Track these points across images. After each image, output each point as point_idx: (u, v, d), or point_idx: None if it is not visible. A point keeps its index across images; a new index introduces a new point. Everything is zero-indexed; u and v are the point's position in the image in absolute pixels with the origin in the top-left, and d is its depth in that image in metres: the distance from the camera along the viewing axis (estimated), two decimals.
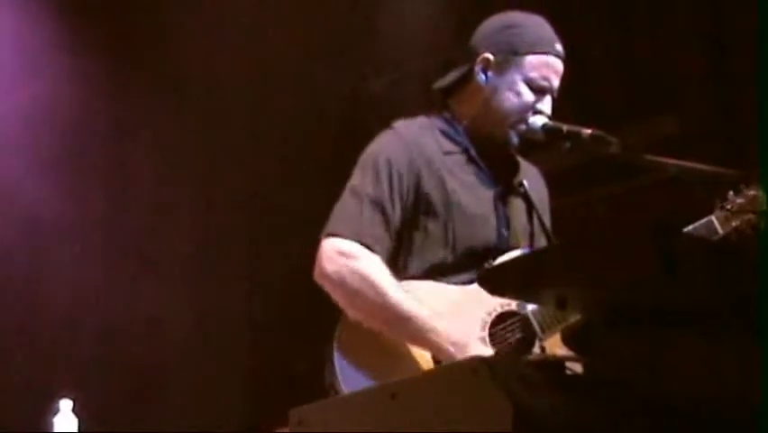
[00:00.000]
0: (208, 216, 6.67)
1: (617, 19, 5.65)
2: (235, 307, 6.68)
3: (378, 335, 3.20)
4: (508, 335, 3.24)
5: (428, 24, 6.05)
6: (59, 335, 6.30)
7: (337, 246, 3.24)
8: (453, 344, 3.14)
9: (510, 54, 3.35)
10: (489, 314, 3.25)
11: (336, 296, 3.25)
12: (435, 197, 3.31)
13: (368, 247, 3.23)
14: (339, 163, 3.44)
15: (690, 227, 3.43)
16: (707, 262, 2.40)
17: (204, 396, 6.42)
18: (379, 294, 3.18)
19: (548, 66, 3.36)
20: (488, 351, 3.17)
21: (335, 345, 3.18)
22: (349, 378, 3.13)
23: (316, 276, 3.27)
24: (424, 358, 3.18)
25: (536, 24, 3.42)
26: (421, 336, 3.16)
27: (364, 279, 3.20)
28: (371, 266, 3.21)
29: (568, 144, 3.25)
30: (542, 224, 3.45)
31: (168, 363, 6.53)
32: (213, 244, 6.65)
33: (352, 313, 3.22)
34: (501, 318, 3.25)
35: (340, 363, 3.16)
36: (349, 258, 3.23)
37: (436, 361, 3.17)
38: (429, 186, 3.31)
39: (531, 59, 3.35)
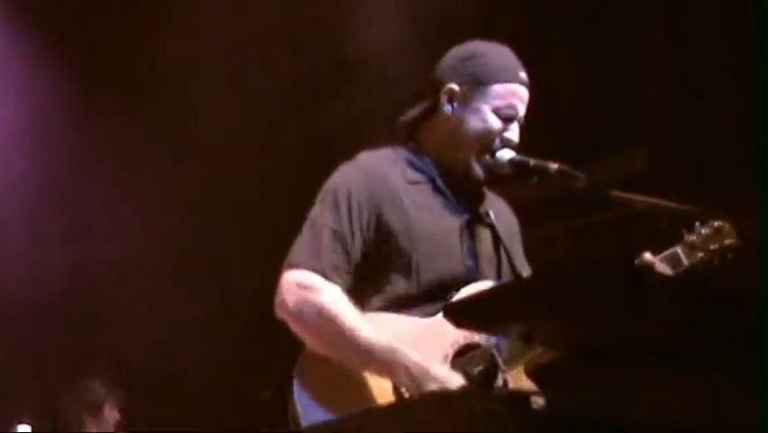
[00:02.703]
0: (176, 243, 6.65)
1: (587, 54, 5.67)
2: (201, 334, 6.65)
3: (337, 367, 3.19)
4: (471, 367, 3.23)
5: (398, 53, 6.06)
6: (21, 354, 6.27)
7: (296, 279, 3.24)
8: (413, 370, 3.13)
9: (475, 84, 3.36)
10: (452, 346, 3.24)
11: (295, 328, 3.25)
12: (398, 229, 3.30)
13: (327, 278, 3.22)
14: (308, 191, 3.43)
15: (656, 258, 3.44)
16: (674, 297, 2.41)
17: (168, 423, 6.38)
18: (338, 326, 3.17)
19: (513, 94, 3.37)
20: (449, 373, 3.16)
21: (296, 377, 3.16)
22: (309, 410, 3.12)
23: (276, 308, 3.27)
24: (383, 390, 3.17)
25: (500, 53, 3.43)
26: (381, 365, 3.16)
27: (322, 311, 3.19)
28: (330, 298, 3.21)
29: (535, 179, 3.26)
30: (508, 255, 3.45)
31: (132, 388, 6.50)
32: (181, 270, 6.62)
33: (311, 344, 3.22)
34: (464, 350, 3.24)
35: (300, 395, 3.15)
36: (308, 290, 3.22)
37: (397, 391, 3.15)
38: (392, 218, 3.31)
39: (496, 89, 3.36)
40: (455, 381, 3.14)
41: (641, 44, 5.40)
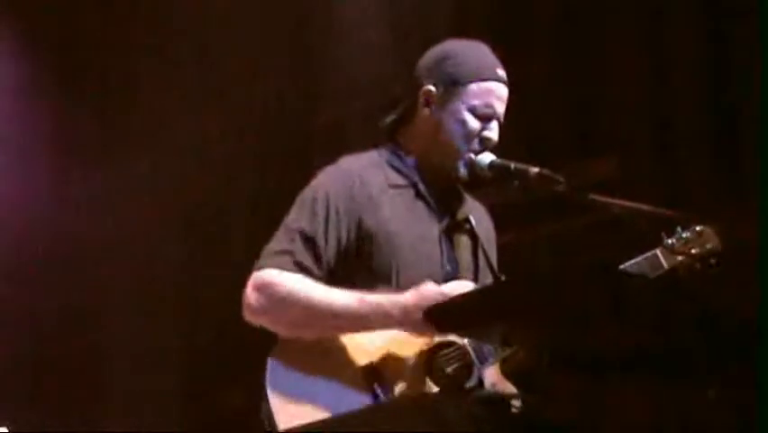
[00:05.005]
0: (149, 246, 6.62)
1: (560, 61, 5.68)
2: (172, 340, 6.62)
3: (308, 362, 3.17)
4: (445, 365, 3.22)
5: (377, 57, 6.06)
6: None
7: (258, 280, 3.23)
8: (393, 311, 3.15)
9: (451, 85, 3.35)
10: (427, 343, 3.22)
11: (266, 324, 3.24)
12: (378, 234, 3.29)
13: (288, 271, 3.22)
14: (285, 195, 3.42)
15: (635, 260, 3.43)
16: (653, 303, 2.41)
17: (139, 428, 6.35)
18: (306, 305, 3.18)
19: (490, 93, 3.35)
20: (422, 296, 3.15)
21: (267, 375, 3.14)
22: (282, 409, 3.10)
23: (243, 313, 3.26)
24: (357, 382, 3.14)
25: (476, 52, 3.42)
26: (360, 321, 3.17)
27: (287, 298, 3.20)
28: (290, 284, 3.20)
29: (515, 183, 3.25)
30: (487, 260, 3.44)
31: (104, 394, 6.49)
32: (154, 275, 6.60)
33: (287, 333, 3.21)
34: (439, 348, 3.22)
35: (272, 394, 3.12)
36: (268, 287, 3.21)
37: (369, 384, 3.13)
38: (372, 223, 3.29)
39: (472, 88, 3.34)
40: (428, 292, 3.13)
41: (614, 50, 5.41)
